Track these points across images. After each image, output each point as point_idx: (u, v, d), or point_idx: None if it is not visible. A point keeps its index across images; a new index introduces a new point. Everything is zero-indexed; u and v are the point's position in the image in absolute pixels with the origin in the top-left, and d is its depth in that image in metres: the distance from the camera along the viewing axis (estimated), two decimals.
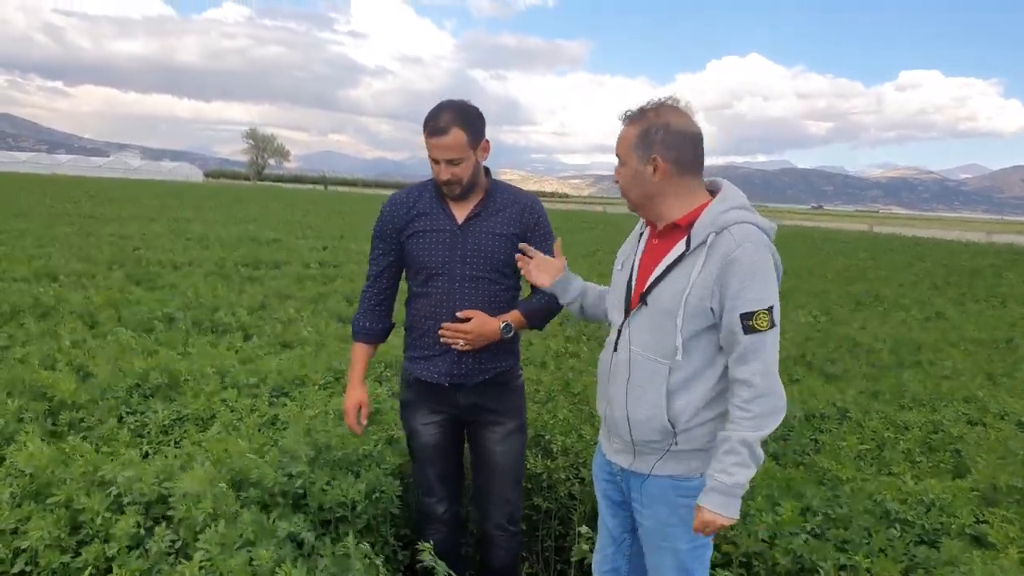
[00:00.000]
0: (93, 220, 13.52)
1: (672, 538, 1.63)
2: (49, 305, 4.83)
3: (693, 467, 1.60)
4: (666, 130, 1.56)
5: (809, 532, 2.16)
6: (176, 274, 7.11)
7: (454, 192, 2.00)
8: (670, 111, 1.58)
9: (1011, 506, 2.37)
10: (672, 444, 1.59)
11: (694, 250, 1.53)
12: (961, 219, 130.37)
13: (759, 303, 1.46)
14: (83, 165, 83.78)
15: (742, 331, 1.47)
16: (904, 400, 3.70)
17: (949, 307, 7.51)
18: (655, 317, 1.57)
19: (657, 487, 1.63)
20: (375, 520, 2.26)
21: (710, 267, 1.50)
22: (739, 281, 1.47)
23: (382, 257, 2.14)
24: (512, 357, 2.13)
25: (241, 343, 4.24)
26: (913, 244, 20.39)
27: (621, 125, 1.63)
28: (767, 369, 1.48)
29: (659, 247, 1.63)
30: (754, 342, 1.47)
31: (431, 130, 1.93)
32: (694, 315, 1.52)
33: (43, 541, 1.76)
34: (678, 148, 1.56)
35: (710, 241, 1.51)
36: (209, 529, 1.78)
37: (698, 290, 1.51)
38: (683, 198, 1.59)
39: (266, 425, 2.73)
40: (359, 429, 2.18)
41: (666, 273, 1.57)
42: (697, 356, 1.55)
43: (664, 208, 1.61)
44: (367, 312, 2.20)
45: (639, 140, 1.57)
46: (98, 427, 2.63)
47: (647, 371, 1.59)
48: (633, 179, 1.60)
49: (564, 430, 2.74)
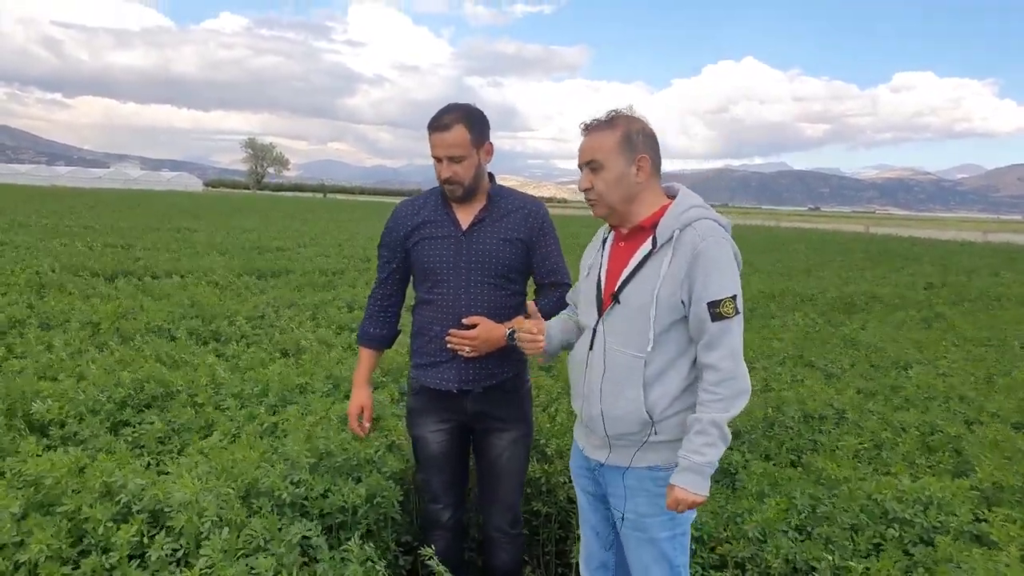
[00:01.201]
0: (92, 231, 13.53)
1: (651, 528, 1.69)
2: (48, 316, 4.84)
3: (668, 457, 1.66)
4: (644, 132, 1.67)
5: (796, 529, 2.18)
6: (176, 283, 7.12)
7: (456, 193, 2.00)
8: (634, 118, 1.68)
9: (1014, 506, 2.38)
10: (650, 435, 1.65)
11: (661, 247, 1.62)
12: (957, 219, 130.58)
13: (724, 291, 1.55)
14: (82, 176, 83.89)
15: (710, 319, 1.55)
16: (900, 400, 3.71)
17: (945, 307, 7.53)
18: (629, 313, 1.65)
19: (635, 478, 1.69)
20: (376, 526, 2.27)
21: (678, 261, 1.59)
22: (705, 272, 1.56)
23: (387, 264, 2.17)
24: (519, 363, 2.14)
25: (242, 351, 4.25)
26: (909, 244, 20.44)
27: (584, 135, 1.71)
28: (733, 354, 1.56)
29: (625, 249, 1.71)
30: (720, 328, 1.55)
31: (435, 126, 1.95)
32: (665, 308, 1.60)
33: (44, 553, 1.77)
34: (654, 149, 1.68)
35: (675, 237, 1.60)
36: (213, 537, 1.79)
37: (668, 284, 1.59)
38: (652, 200, 1.69)
39: (266, 433, 2.74)
40: (362, 432, 2.19)
41: (636, 271, 1.65)
42: (670, 347, 1.63)
43: (637, 209, 1.69)
44: (372, 318, 2.23)
45: (623, 143, 1.65)
46: (92, 440, 2.63)
47: (623, 366, 1.66)
48: (617, 182, 1.66)
49: (561, 433, 2.75)
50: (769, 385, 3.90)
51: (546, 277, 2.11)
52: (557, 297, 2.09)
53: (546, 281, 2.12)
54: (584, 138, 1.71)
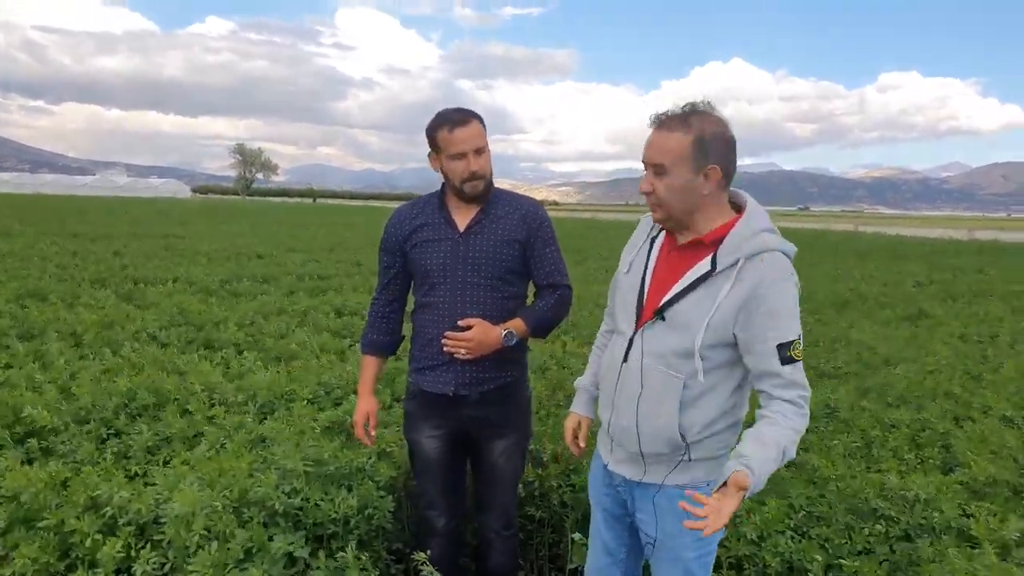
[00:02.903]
0: (78, 238, 13.40)
1: (679, 548, 1.62)
2: (34, 325, 4.78)
3: (700, 475, 1.59)
4: (720, 139, 1.48)
5: (794, 529, 2.18)
6: (163, 290, 7.06)
7: (478, 189, 1.99)
8: (714, 118, 1.50)
9: (997, 499, 2.40)
10: (683, 457, 1.58)
11: (721, 272, 1.49)
12: (944, 217, 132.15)
13: (792, 333, 1.46)
14: (68, 184, 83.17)
15: (779, 362, 1.45)
16: (890, 398, 3.74)
17: (933, 304, 7.60)
18: (674, 333, 1.53)
19: (667, 498, 1.61)
20: (368, 535, 2.24)
21: (738, 293, 1.46)
22: (772, 311, 1.45)
23: (388, 270, 2.17)
24: (518, 368, 2.12)
25: (230, 359, 4.21)
26: (897, 243, 20.64)
27: (653, 130, 1.51)
28: (808, 396, 1.48)
29: (678, 260, 1.57)
30: (794, 371, 1.46)
31: (454, 123, 1.95)
32: (714, 336, 1.49)
33: (30, 567, 1.74)
34: (729, 159, 1.50)
35: (740, 266, 1.47)
36: (201, 551, 1.77)
37: (723, 314, 1.47)
38: (717, 211, 1.54)
39: (255, 443, 2.71)
40: (368, 440, 2.19)
41: (688, 291, 1.52)
42: (713, 372, 1.53)
43: (700, 221, 1.54)
44: (374, 324, 2.22)
45: (694, 150, 1.47)
46: (77, 451, 2.59)
47: (660, 383, 1.55)
48: (682, 191, 1.49)
49: (554, 438, 2.74)
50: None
51: (544, 279, 2.09)
52: (556, 299, 2.08)
53: (544, 283, 2.10)
54: (652, 133, 1.51)
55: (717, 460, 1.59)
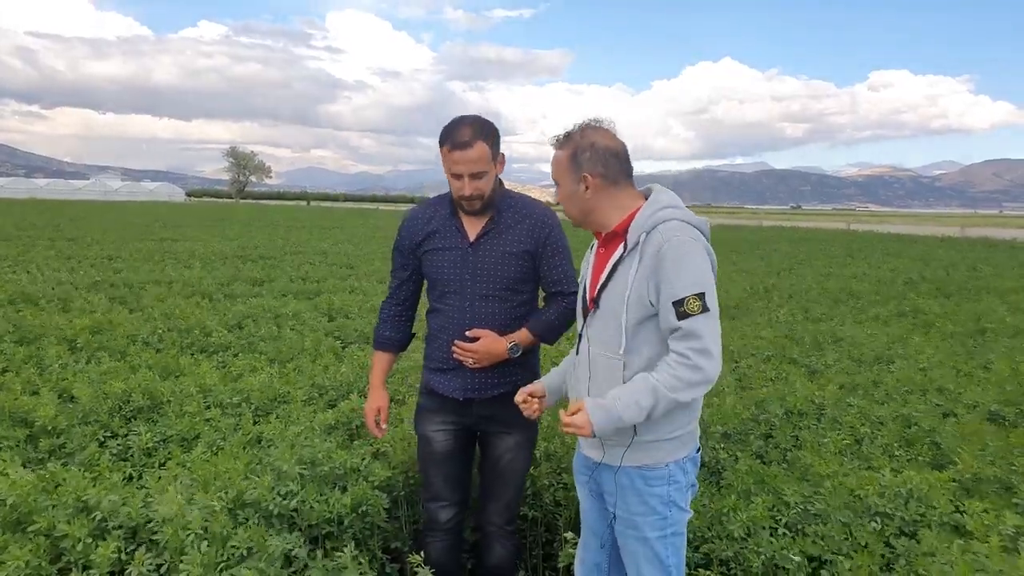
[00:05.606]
0: (73, 243, 13.34)
1: (642, 527, 1.71)
2: (30, 329, 4.77)
3: (659, 457, 1.68)
4: (592, 149, 1.71)
5: (785, 527, 2.19)
6: (158, 294, 7.04)
7: (475, 207, 2.01)
8: (593, 131, 1.74)
9: (988, 496, 2.42)
10: (634, 436, 1.67)
11: (630, 251, 1.67)
12: (936, 214, 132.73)
13: (688, 289, 1.56)
14: (62, 188, 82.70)
15: (675, 317, 1.57)
16: (879, 394, 3.76)
17: (926, 301, 7.65)
18: (606, 318, 1.71)
19: (626, 477, 1.72)
20: (363, 534, 2.26)
21: (646, 263, 1.63)
22: (668, 272, 1.59)
23: (400, 270, 2.21)
24: (527, 372, 2.14)
25: (225, 361, 4.21)
26: (890, 241, 20.73)
27: (552, 151, 1.77)
28: (704, 348, 1.55)
29: (604, 255, 1.78)
30: (689, 325, 1.56)
31: (455, 144, 1.92)
32: (636, 310, 1.64)
33: (22, 571, 1.74)
34: (604, 164, 1.71)
35: (642, 241, 1.65)
36: (193, 550, 1.77)
37: (637, 287, 1.64)
38: (618, 207, 1.74)
39: (251, 443, 2.71)
40: (379, 433, 2.22)
41: (611, 276, 1.71)
42: (645, 348, 1.66)
43: (603, 218, 1.75)
44: (387, 322, 2.27)
45: (570, 162, 1.73)
46: (78, 452, 2.60)
47: (604, 368, 1.71)
48: (570, 198, 1.75)
49: (546, 436, 2.76)
50: (751, 383, 3.94)
51: (552, 287, 2.12)
52: (563, 307, 2.09)
53: (552, 291, 2.12)
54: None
55: (671, 441, 1.68)
